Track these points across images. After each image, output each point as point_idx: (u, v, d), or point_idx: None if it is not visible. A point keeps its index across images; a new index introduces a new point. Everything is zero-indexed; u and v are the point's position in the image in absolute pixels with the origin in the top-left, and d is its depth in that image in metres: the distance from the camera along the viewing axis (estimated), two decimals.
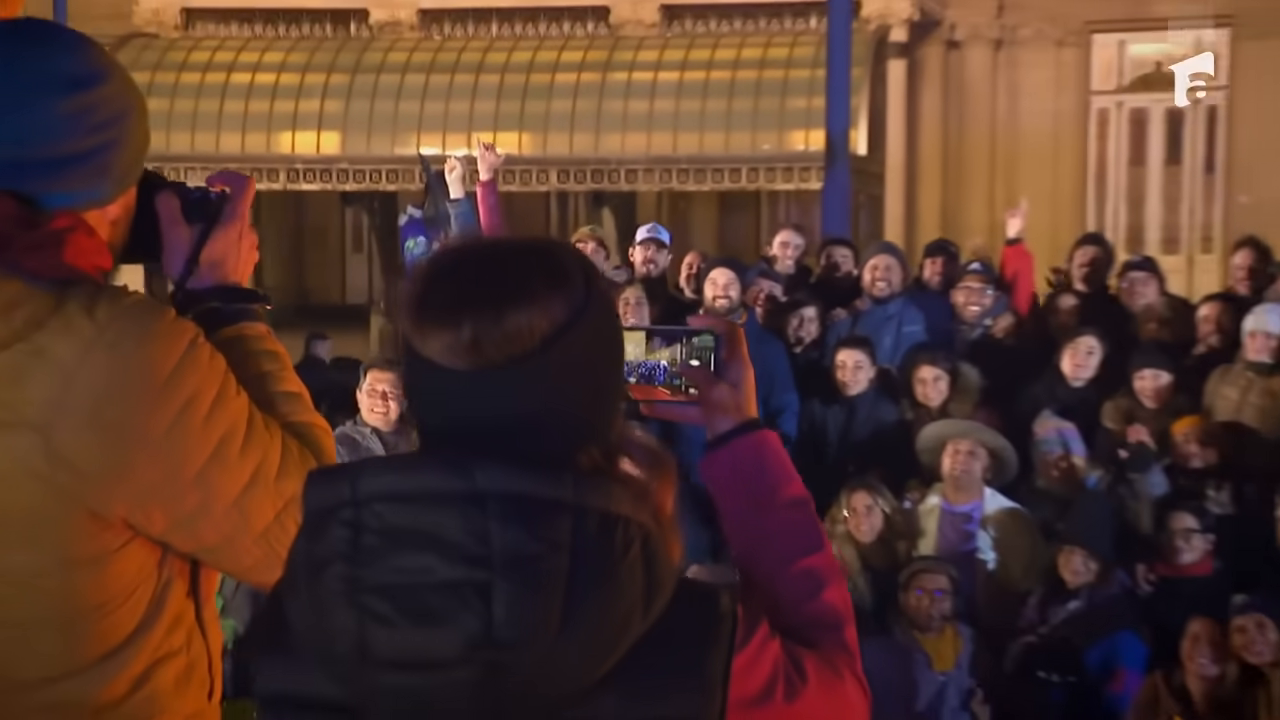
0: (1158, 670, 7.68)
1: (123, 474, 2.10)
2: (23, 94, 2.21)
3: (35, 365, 2.06)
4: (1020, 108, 34.57)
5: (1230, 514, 8.47)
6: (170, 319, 2.20)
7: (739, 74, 30.71)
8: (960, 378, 9.42)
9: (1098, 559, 8.15)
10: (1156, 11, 34.49)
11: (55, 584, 2.10)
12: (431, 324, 1.95)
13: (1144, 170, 35.30)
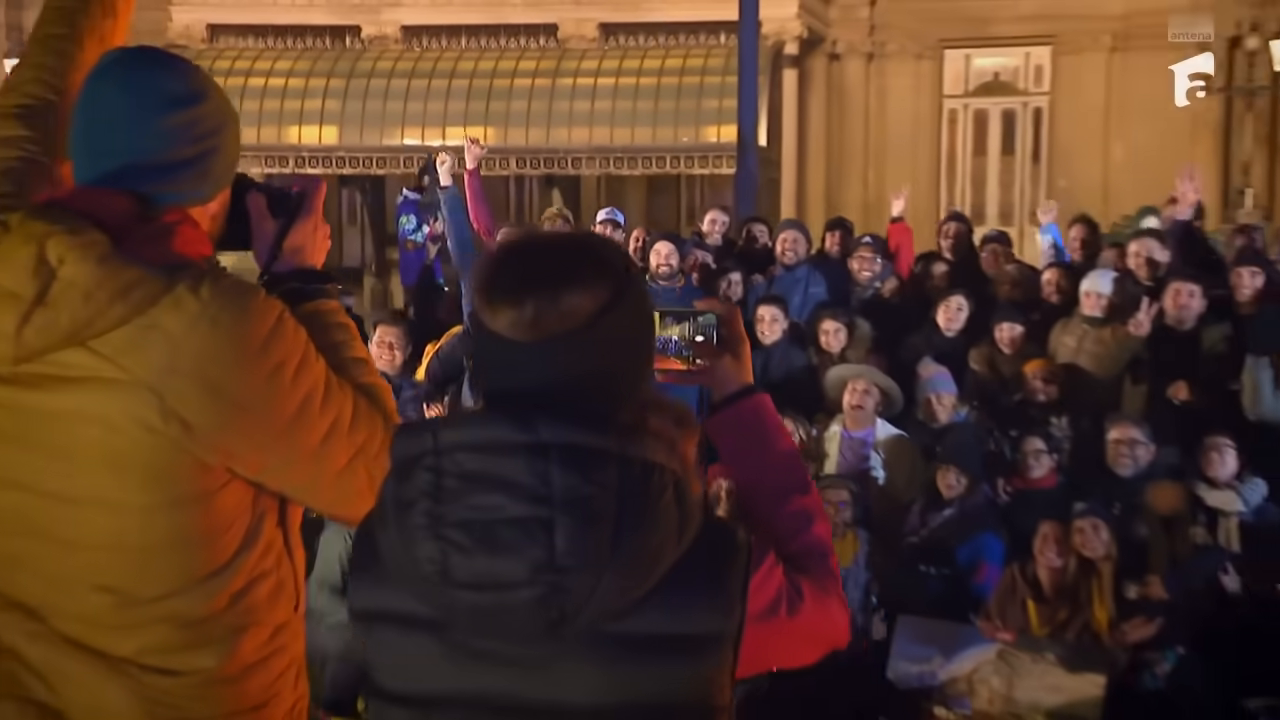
0: (1014, 563, 7.70)
1: (223, 427, 2.10)
2: (138, 111, 2.21)
3: (150, 336, 2.05)
4: (887, 108, 34.64)
5: (1069, 437, 8.50)
6: (262, 298, 2.21)
7: (663, 80, 30.69)
8: (856, 329, 9.40)
9: (967, 475, 8.15)
10: (994, 31, 34.60)
11: (168, 518, 2.10)
12: (500, 303, 1.99)
13: (984, 159, 35.39)
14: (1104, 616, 7.32)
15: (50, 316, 2.04)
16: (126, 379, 2.06)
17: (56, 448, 2.09)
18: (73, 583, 2.12)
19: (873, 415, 8.59)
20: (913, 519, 8.22)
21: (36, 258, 2.04)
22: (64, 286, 2.03)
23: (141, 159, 2.22)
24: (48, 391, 2.07)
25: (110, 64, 2.29)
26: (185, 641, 2.14)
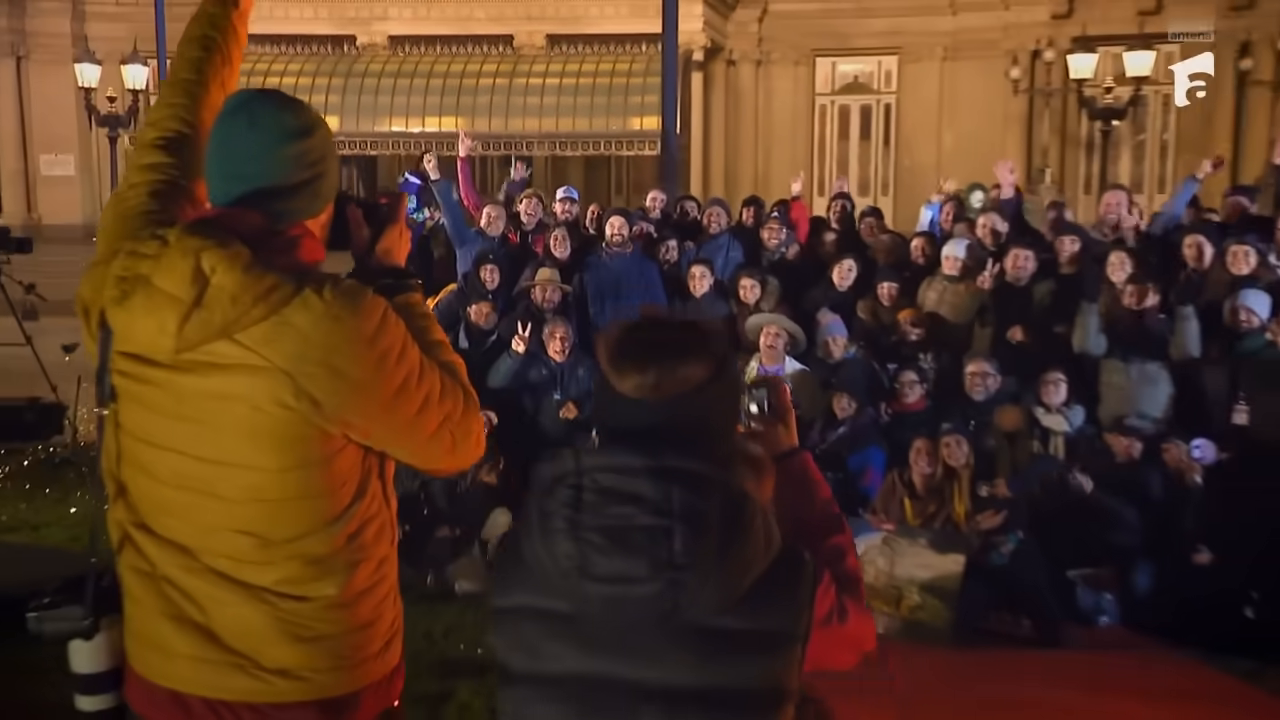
0: (894, 470, 7.73)
1: (343, 404, 2.09)
2: (264, 144, 2.20)
3: (285, 331, 2.05)
4: (772, 104, 34.55)
5: (934, 370, 8.50)
6: (371, 297, 2.18)
7: (597, 79, 30.54)
8: (767, 285, 9.31)
9: (856, 400, 8.20)
10: (854, 44, 34.52)
11: (298, 476, 2.10)
12: (627, 370, 2.05)
13: (847, 144, 35.41)
14: (962, 510, 7.37)
15: (205, 316, 2.04)
16: (266, 366, 2.06)
17: (209, 421, 2.10)
18: (221, 528, 2.12)
19: (782, 354, 8.53)
20: (814, 435, 8.14)
21: (194, 268, 2.04)
22: (216, 291, 2.03)
23: (268, 183, 2.20)
24: (202, 376, 2.08)
25: (240, 104, 2.26)
26: (312, 574, 2.15)
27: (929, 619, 7.01)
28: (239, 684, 2.12)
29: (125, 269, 2.11)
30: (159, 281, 2.05)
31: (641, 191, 34.50)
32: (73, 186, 35.33)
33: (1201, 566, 7.18)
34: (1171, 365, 8.00)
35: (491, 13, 32.16)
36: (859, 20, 34.43)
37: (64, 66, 33.72)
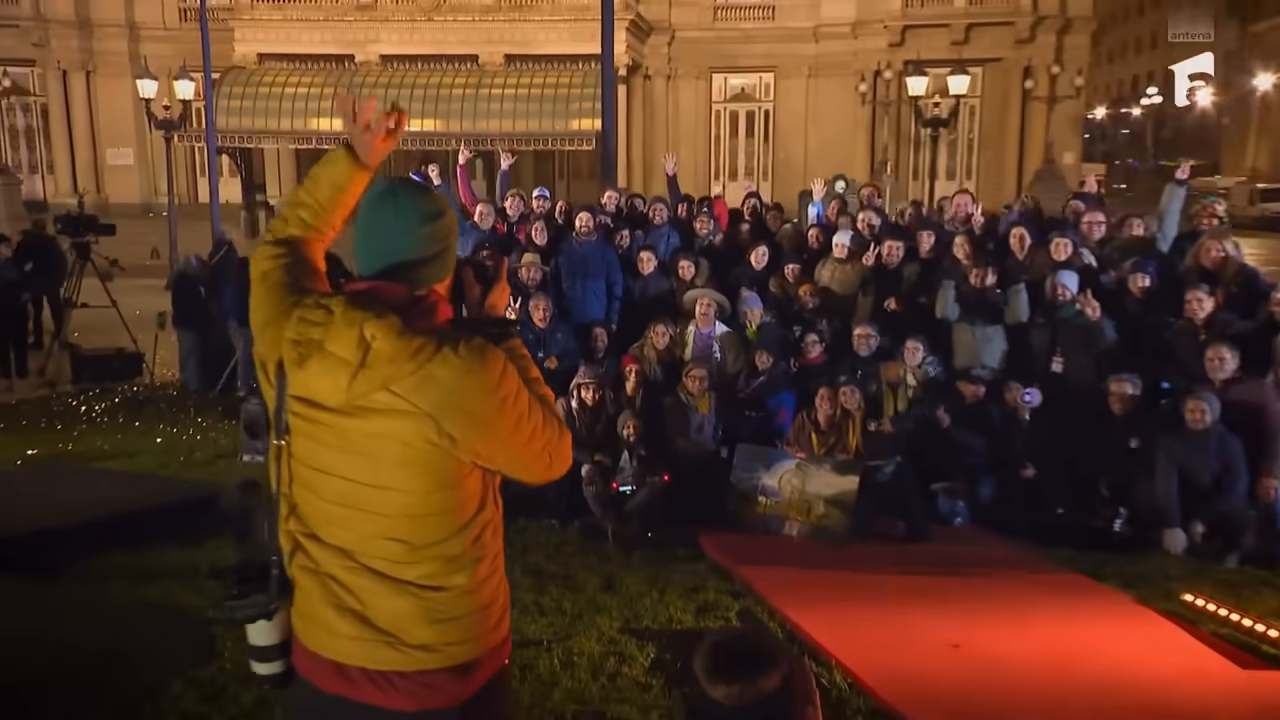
0: (803, 410, 7.63)
1: (475, 438, 2.06)
2: (407, 226, 2.13)
3: (430, 383, 2.01)
4: (679, 110, 34.46)
5: (829, 332, 8.36)
6: (493, 352, 2.10)
7: (545, 90, 30.31)
8: (700, 265, 9.15)
9: (772, 355, 8.05)
10: (741, 64, 34.52)
11: (438, 495, 2.08)
12: (719, 684, 2.23)
13: (736, 141, 35.50)
14: (855, 442, 7.39)
15: (369, 374, 2.01)
16: (415, 411, 2.03)
17: (368, 453, 2.07)
18: (376, 536, 2.10)
19: (713, 320, 8.37)
20: (740, 384, 8.10)
21: (358, 336, 2.00)
22: (376, 355, 2.00)
23: (409, 257, 2.14)
24: (363, 419, 2.05)
25: (385, 193, 2.18)
26: (448, 570, 2.13)
27: (832, 524, 7.06)
28: (389, 656, 2.11)
29: (299, 334, 2.07)
30: (331, 347, 2.02)
31: (580, 178, 34.47)
32: (132, 173, 34.98)
33: (1028, 479, 7.29)
34: (1006, 328, 8.04)
35: (461, 37, 31.69)
36: (745, 45, 34.41)
37: (123, 79, 33.40)
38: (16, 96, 33.66)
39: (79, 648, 5.21)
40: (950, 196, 9.80)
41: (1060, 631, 5.56)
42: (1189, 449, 6.77)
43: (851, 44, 33.86)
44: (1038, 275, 8.14)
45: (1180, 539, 6.70)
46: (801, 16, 33.99)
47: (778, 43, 34.28)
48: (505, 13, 31.64)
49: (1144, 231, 8.60)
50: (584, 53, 31.12)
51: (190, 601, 5.95)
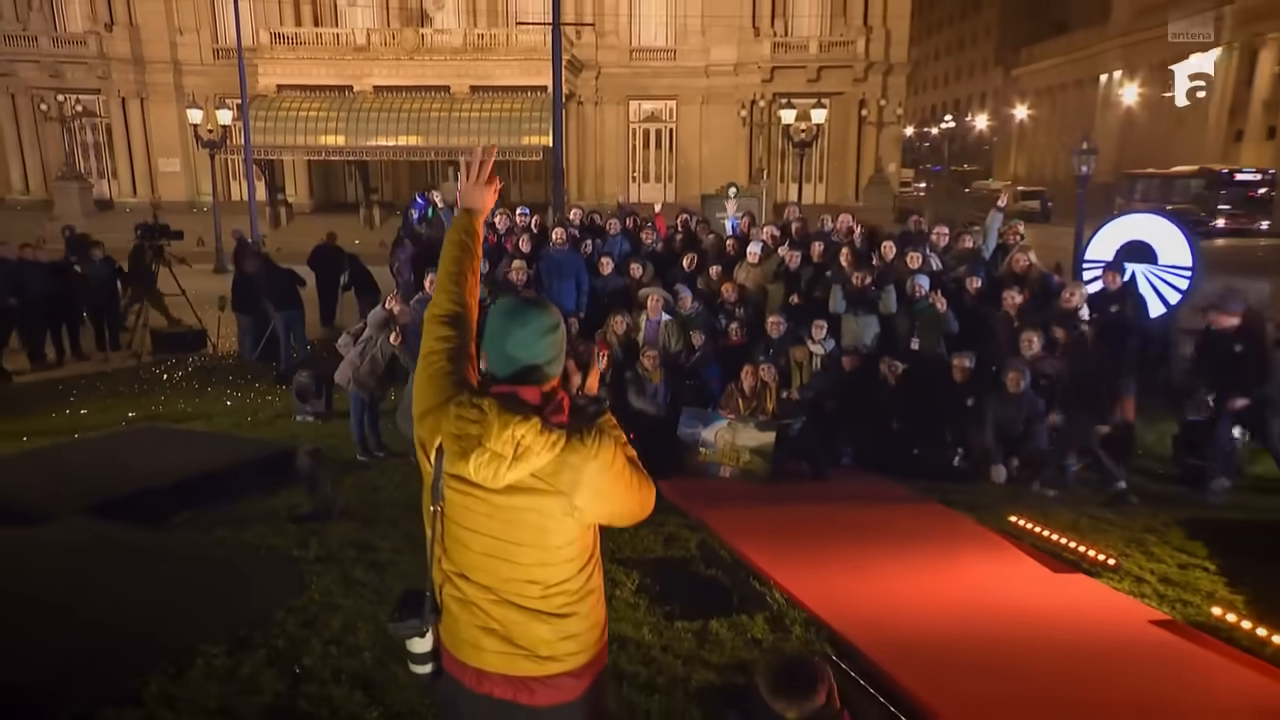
0: (731, 382, 7.51)
1: (597, 507, 2.01)
2: (534, 337, 2.03)
3: (564, 467, 1.95)
4: (605, 129, 33.87)
5: (746, 319, 8.25)
6: (607, 438, 2.04)
7: (502, 113, 29.53)
8: (646, 267, 8.99)
9: (704, 336, 7.96)
10: (651, 93, 34.02)
11: (565, 548, 2.02)
12: (783, 702, 2.28)
13: (648, 153, 35.03)
14: (772, 406, 7.37)
15: (519, 466, 1.94)
16: (553, 490, 1.98)
17: (511, 520, 2.01)
18: (515, 579, 2.05)
19: (660, 310, 8.20)
20: (682, 359, 8.01)
21: (511, 435, 1.93)
22: (525, 450, 1.93)
23: (534, 361, 2.05)
24: (509, 496, 1.98)
25: (514, 309, 2.08)
26: (572, 601, 2.09)
27: (755, 469, 7.06)
28: (526, 666, 2.07)
29: (460, 430, 1.97)
30: (489, 444, 1.94)
31: (529, 180, 33.76)
32: (178, 178, 33.64)
33: (894, 430, 7.33)
34: (880, 317, 8.03)
35: (436, 72, 30.65)
36: (654, 79, 33.91)
37: (170, 104, 32.32)
38: (86, 118, 32.77)
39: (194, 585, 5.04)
40: (835, 215, 9.64)
41: (928, 549, 5.65)
42: (1007, 407, 6.92)
43: (734, 79, 33.61)
44: (900, 277, 8.13)
45: (1001, 472, 6.86)
46: (696, 58, 33.60)
47: (678, 77, 33.87)
48: (470, 53, 30.69)
49: (972, 244, 8.62)
50: (532, 84, 30.39)
51: (279, 543, 5.75)
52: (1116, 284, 7.50)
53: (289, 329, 10.91)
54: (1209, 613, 4.78)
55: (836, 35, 32.97)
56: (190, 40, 32.55)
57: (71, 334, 11.56)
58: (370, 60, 30.53)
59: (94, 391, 9.97)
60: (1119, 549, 5.61)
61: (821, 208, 28.09)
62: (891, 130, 34.68)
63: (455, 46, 30.61)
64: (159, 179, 33.63)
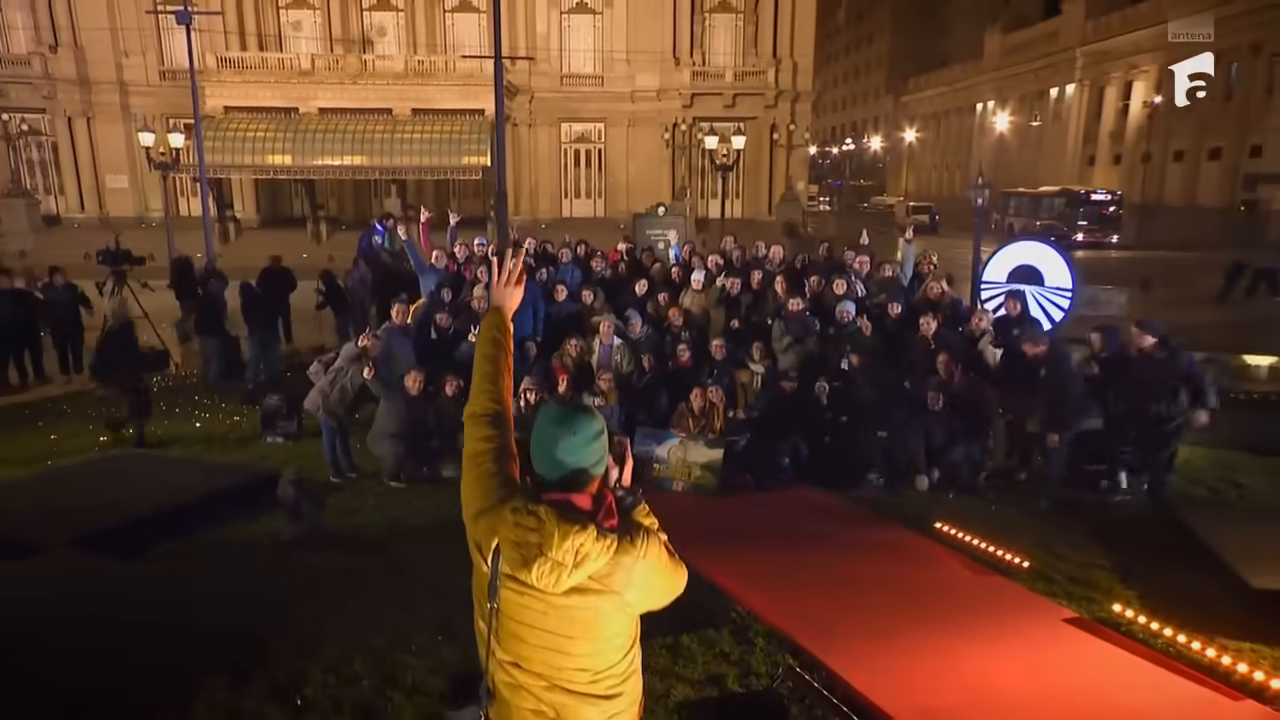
0: (681, 402, 7.45)
1: (646, 600, 1.99)
2: (581, 443, 1.98)
3: (617, 569, 1.93)
4: (538, 150, 33.55)
5: (692, 342, 8.14)
6: (652, 537, 2.02)
7: (443, 134, 28.96)
8: (597, 294, 8.88)
9: (654, 360, 7.86)
10: (581, 116, 33.84)
11: (615, 639, 2.00)
12: None
13: (579, 171, 34.82)
14: (720, 425, 7.41)
15: (578, 573, 1.91)
16: (606, 590, 1.95)
17: (565, 617, 1.97)
18: (567, 667, 2.01)
19: (612, 334, 8.11)
20: (634, 381, 7.94)
21: (571, 544, 1.90)
22: (583, 557, 1.90)
23: (583, 466, 2.00)
24: (565, 597, 1.94)
25: (561, 418, 2.02)
26: (619, 682, 2.06)
27: (705, 483, 7.07)
28: None
29: (519, 538, 1.93)
30: (550, 553, 1.90)
31: (467, 197, 33.28)
32: (126, 195, 31.97)
33: (828, 443, 7.38)
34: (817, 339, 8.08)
35: (379, 95, 29.85)
36: (583, 103, 33.74)
37: (116, 123, 30.85)
38: (32, 136, 30.66)
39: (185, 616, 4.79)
40: (768, 246, 9.70)
41: (869, 557, 5.77)
42: (929, 422, 7.13)
43: (657, 104, 33.70)
44: (829, 304, 8.24)
45: (924, 481, 7.05)
46: (622, 84, 33.58)
47: (606, 102, 33.80)
48: (411, 78, 29.99)
49: (891, 273, 8.82)
50: (470, 107, 29.95)
51: (264, 570, 5.52)
52: (1016, 310, 7.80)
53: (264, 351, 10.54)
54: (1111, 610, 5.03)
55: (749, 65, 33.38)
56: (136, 62, 30.97)
57: (34, 358, 10.91)
58: (315, 84, 29.58)
59: (61, 416, 9.44)
60: (1030, 551, 5.80)
61: (739, 222, 28.49)
62: (800, 152, 35.31)
63: (397, 71, 29.89)
64: (106, 195, 31.90)
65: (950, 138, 58.82)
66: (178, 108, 30.18)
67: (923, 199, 53.86)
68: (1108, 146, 43.33)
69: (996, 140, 49.60)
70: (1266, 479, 7.38)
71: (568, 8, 33.21)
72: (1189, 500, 6.82)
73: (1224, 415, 8.77)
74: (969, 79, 55.69)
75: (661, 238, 19.90)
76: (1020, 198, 39.92)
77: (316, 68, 29.63)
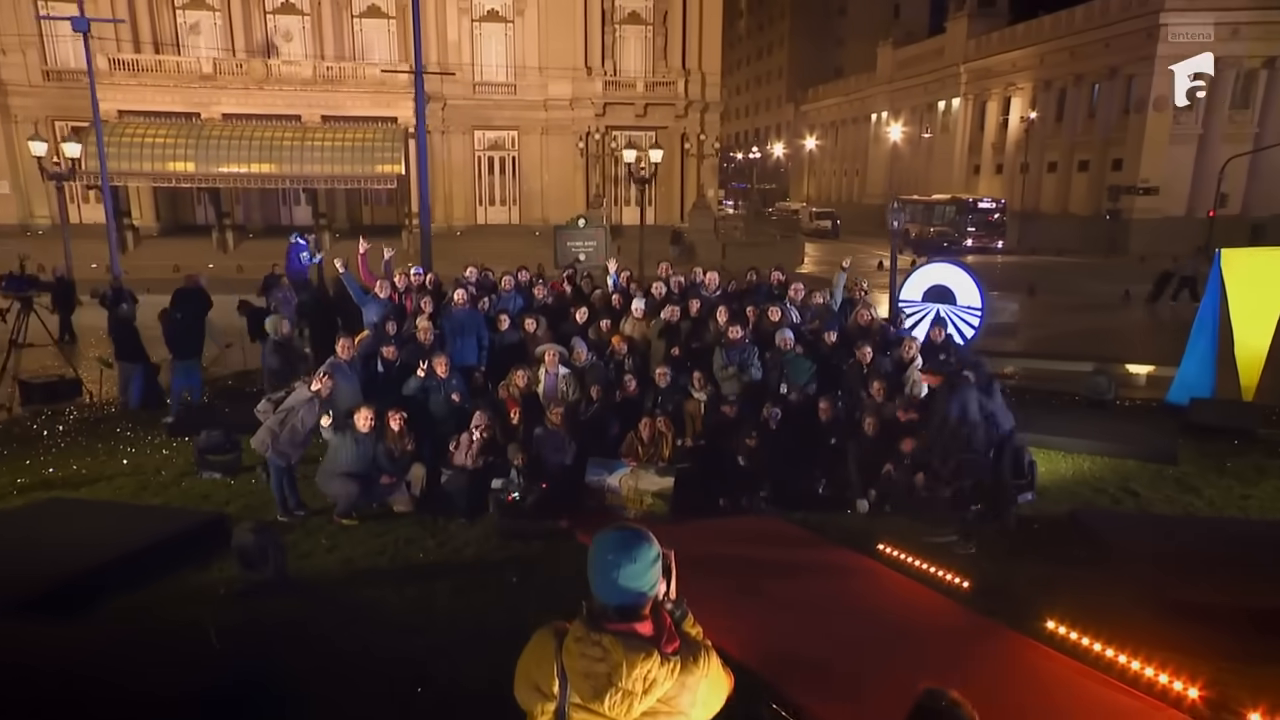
0: (630, 431, 7.43)
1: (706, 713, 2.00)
2: (642, 570, 1.98)
3: (683, 689, 1.94)
4: (452, 157, 32.91)
5: (636, 370, 8.16)
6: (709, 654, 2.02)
7: (355, 142, 28.12)
8: (540, 321, 8.73)
9: (601, 389, 7.82)
10: (494, 123, 33.43)
11: None
12: None
13: (493, 179, 34.38)
14: (668, 453, 7.48)
15: (648, 699, 1.94)
16: (674, 712, 1.98)
17: None
18: None
19: (557, 363, 8.04)
20: (581, 410, 7.87)
21: (639, 673, 1.93)
22: (651, 683, 1.93)
23: (641, 590, 2.01)
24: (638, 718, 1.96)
25: (620, 542, 2.02)
26: None
27: (656, 511, 7.10)
28: None
29: (586, 669, 1.95)
30: (619, 683, 1.93)
31: (380, 204, 32.44)
32: (9, 201, 29.79)
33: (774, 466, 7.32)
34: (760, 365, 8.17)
35: (287, 101, 28.78)
36: (496, 111, 33.38)
37: None
38: None
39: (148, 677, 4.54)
40: (705, 272, 9.78)
41: (823, 583, 5.95)
42: (865, 446, 7.31)
43: (570, 113, 33.62)
44: (765, 331, 8.36)
45: (864, 505, 7.22)
46: (535, 93, 33.34)
47: (519, 110, 33.50)
48: (320, 85, 28.99)
49: (823, 300, 9.03)
50: (382, 115, 29.22)
51: (224, 623, 5.17)
52: (941, 337, 8.19)
53: (187, 378, 10.00)
54: (1042, 626, 5.28)
55: (659, 76, 33.69)
56: (15, 60, 28.76)
57: None
58: (218, 88, 28.23)
59: None
60: (964, 570, 6.00)
61: (653, 228, 28.72)
62: (709, 161, 35.84)
63: (305, 78, 28.84)
64: None
65: (848, 145, 60.84)
66: (63, 110, 28.28)
67: (823, 204, 55.57)
68: (990, 157, 45.74)
69: (891, 149, 51.60)
70: (1155, 486, 7.91)
71: (479, 16, 32.76)
72: (1097, 511, 7.26)
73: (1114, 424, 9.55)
74: (864, 90, 57.74)
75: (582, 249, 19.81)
76: (915, 205, 41.72)
77: (219, 72, 28.30)
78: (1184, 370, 10.52)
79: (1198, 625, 5.10)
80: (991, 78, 44.78)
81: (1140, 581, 5.67)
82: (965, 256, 34.64)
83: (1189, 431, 9.30)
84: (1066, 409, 10.41)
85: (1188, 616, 5.20)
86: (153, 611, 5.56)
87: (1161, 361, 12.14)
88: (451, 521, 7.01)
